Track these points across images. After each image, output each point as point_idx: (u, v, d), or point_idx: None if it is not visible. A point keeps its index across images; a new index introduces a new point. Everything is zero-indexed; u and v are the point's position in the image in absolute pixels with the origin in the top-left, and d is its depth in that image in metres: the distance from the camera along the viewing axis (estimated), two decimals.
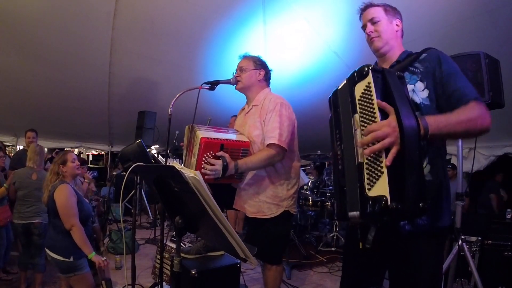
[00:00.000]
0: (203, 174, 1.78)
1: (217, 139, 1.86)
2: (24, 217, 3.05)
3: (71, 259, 2.22)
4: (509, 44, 3.26)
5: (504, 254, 2.80)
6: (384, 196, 0.92)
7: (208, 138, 1.82)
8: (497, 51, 2.26)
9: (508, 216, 4.26)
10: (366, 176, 0.99)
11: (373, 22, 1.39)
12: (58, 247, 2.25)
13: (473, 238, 2.75)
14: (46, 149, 3.77)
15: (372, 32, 1.39)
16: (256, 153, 1.97)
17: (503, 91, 2.11)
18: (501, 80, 2.11)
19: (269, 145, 1.94)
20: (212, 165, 1.81)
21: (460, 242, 2.21)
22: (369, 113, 1.03)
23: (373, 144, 0.99)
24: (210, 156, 1.83)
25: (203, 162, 1.83)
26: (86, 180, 3.97)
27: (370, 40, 1.42)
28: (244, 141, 1.96)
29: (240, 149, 1.92)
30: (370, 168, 0.99)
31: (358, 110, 1.06)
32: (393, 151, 0.97)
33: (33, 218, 3.06)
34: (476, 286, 2.20)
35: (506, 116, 3.55)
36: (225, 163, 1.81)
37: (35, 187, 3.08)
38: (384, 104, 1.01)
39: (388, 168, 0.95)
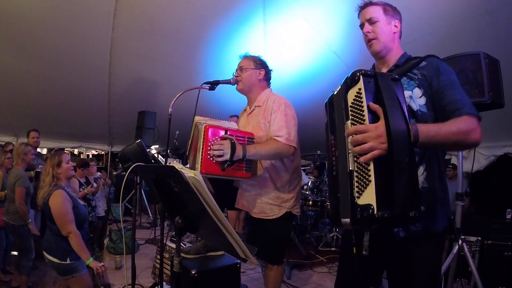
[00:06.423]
0: (211, 157, 1.75)
1: (221, 126, 1.86)
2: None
3: (68, 261, 2.21)
4: (509, 44, 3.26)
5: (504, 254, 2.80)
6: (371, 205, 0.92)
7: (211, 125, 1.82)
8: (497, 51, 2.26)
9: (508, 216, 4.27)
10: (355, 184, 0.99)
11: (371, 22, 1.37)
12: (54, 249, 2.24)
13: (473, 238, 2.75)
14: (34, 149, 3.73)
15: (369, 32, 1.37)
16: (265, 141, 1.93)
17: (503, 91, 2.11)
18: (501, 80, 2.10)
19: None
20: (219, 145, 1.75)
21: (460, 242, 2.20)
22: (360, 119, 1.03)
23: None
24: (215, 140, 1.80)
25: (209, 147, 1.77)
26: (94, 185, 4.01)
27: (368, 42, 1.40)
28: (249, 132, 1.96)
29: (245, 137, 1.90)
30: (359, 176, 1.00)
31: (350, 116, 1.06)
32: (375, 152, 0.96)
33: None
34: (476, 286, 2.19)
35: (506, 116, 3.55)
36: (232, 141, 1.76)
37: (8, 186, 3.15)
38: (375, 106, 1.01)
39: (376, 175, 0.94)
